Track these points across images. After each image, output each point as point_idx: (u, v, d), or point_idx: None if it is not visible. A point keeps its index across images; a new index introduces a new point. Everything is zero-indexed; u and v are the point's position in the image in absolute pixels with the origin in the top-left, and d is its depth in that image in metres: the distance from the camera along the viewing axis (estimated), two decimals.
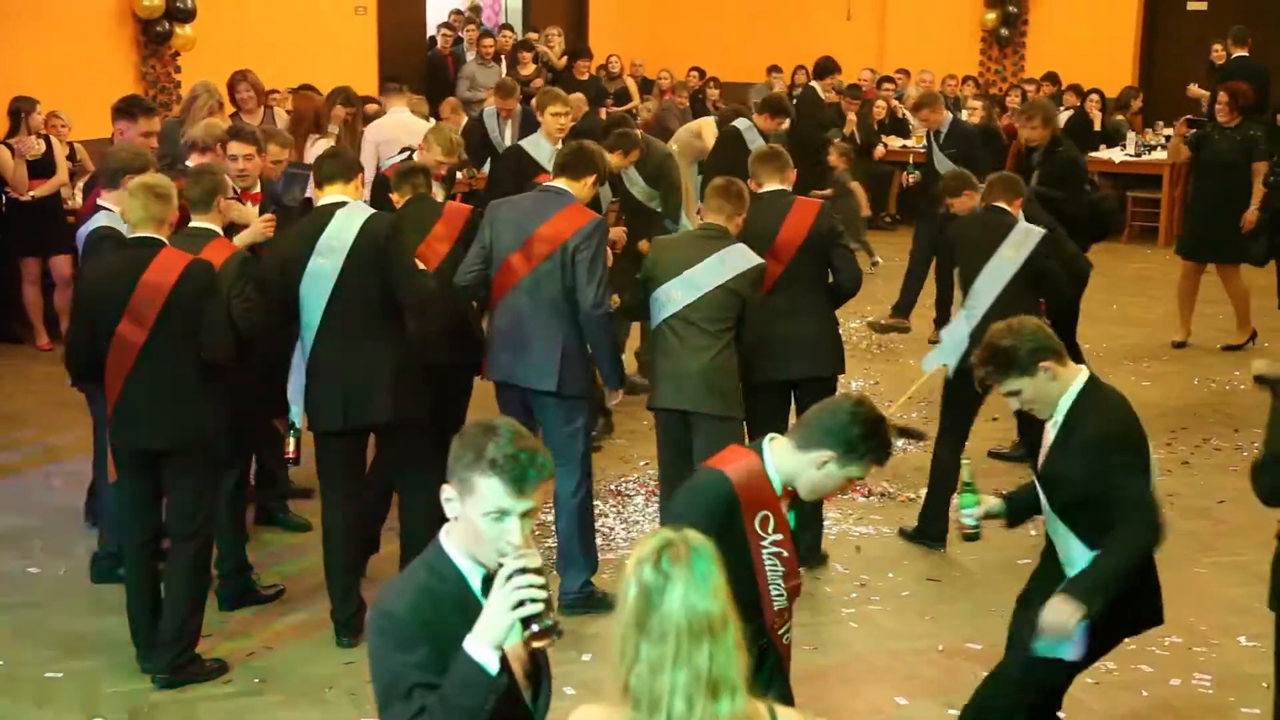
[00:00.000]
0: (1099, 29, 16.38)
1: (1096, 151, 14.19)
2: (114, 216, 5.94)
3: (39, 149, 9.93)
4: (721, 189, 5.97)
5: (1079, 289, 7.80)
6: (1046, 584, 4.21)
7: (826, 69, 13.03)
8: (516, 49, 15.41)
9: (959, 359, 6.50)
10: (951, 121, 10.50)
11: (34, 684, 5.41)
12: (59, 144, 10.17)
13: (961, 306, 6.85)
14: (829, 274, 6.34)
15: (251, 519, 6.64)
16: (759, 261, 5.91)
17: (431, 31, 15.96)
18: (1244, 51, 13.06)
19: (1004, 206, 6.88)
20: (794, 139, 10.40)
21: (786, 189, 6.42)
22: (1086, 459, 4.09)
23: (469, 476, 2.76)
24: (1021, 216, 6.91)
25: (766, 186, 6.40)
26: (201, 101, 8.60)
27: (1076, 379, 4.17)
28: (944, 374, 6.84)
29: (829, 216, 6.35)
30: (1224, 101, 10.03)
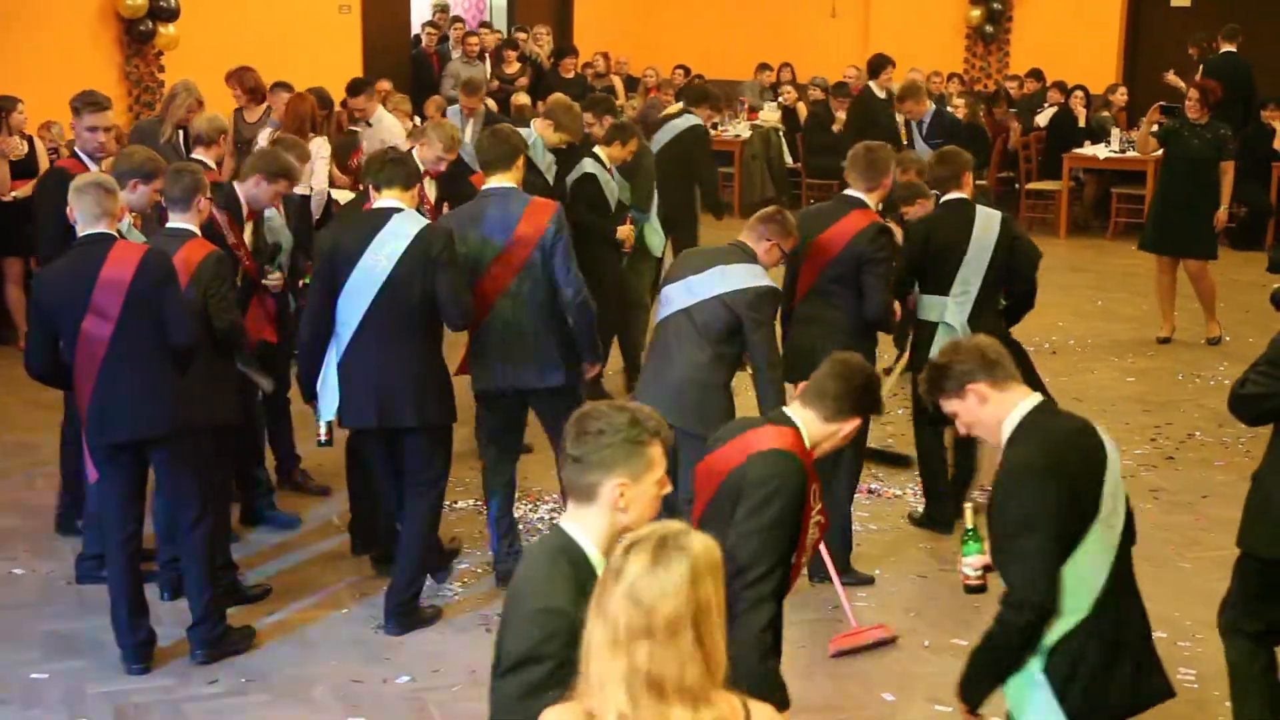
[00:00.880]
0: (1083, 26, 16.42)
1: (1081, 148, 14.23)
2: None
3: (22, 149, 9.89)
4: (762, 217, 5.88)
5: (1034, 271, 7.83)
6: None
7: (880, 65, 12.75)
8: (502, 47, 15.41)
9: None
10: (935, 113, 10.53)
11: (19, 685, 5.39)
12: (41, 144, 10.13)
13: (945, 295, 6.76)
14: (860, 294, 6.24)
15: (236, 519, 6.64)
16: (764, 284, 5.73)
17: (416, 30, 15.94)
18: (1232, 47, 13.12)
19: (963, 196, 6.89)
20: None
21: (856, 195, 6.36)
22: (999, 496, 3.67)
23: (642, 454, 2.97)
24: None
25: (846, 190, 6.48)
26: (180, 100, 8.61)
27: (1019, 405, 3.70)
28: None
29: (872, 237, 6.22)
30: (1194, 99, 10.12)
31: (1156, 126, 10.65)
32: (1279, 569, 4.49)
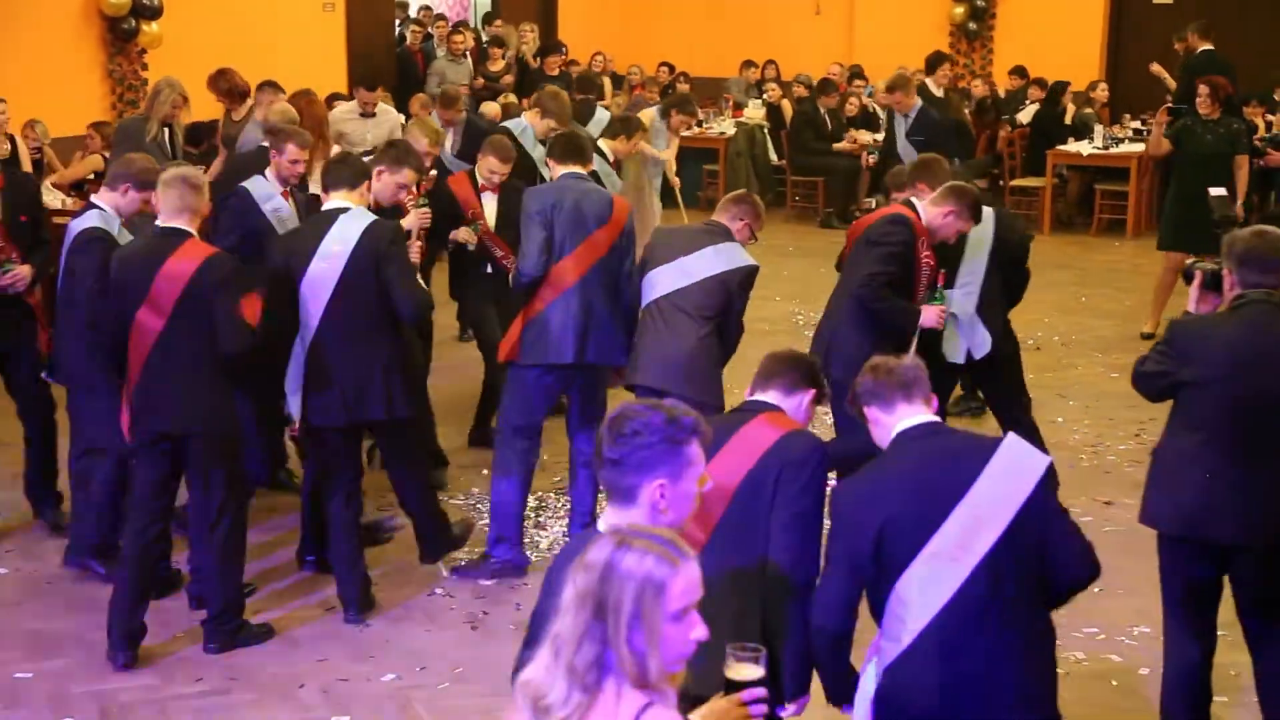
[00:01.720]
0: (1066, 23, 16.47)
1: (1065, 144, 14.26)
2: (107, 216, 6.03)
3: (4, 148, 9.85)
4: (734, 198, 6.24)
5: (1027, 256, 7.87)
6: None
7: (936, 62, 12.66)
8: (487, 45, 15.39)
9: (980, 338, 6.76)
10: (920, 110, 10.50)
11: (3, 684, 5.38)
12: (24, 143, 10.09)
13: (951, 288, 6.78)
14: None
15: None
16: (753, 263, 6.07)
17: (400, 28, 15.92)
18: (1208, 45, 13.14)
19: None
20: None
21: (907, 198, 6.53)
22: None
23: (681, 453, 2.94)
24: None
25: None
26: (164, 96, 8.59)
27: (898, 426, 3.73)
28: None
29: (876, 231, 6.32)
30: (1204, 94, 10.07)
31: (1168, 123, 10.60)
32: (1181, 544, 4.65)
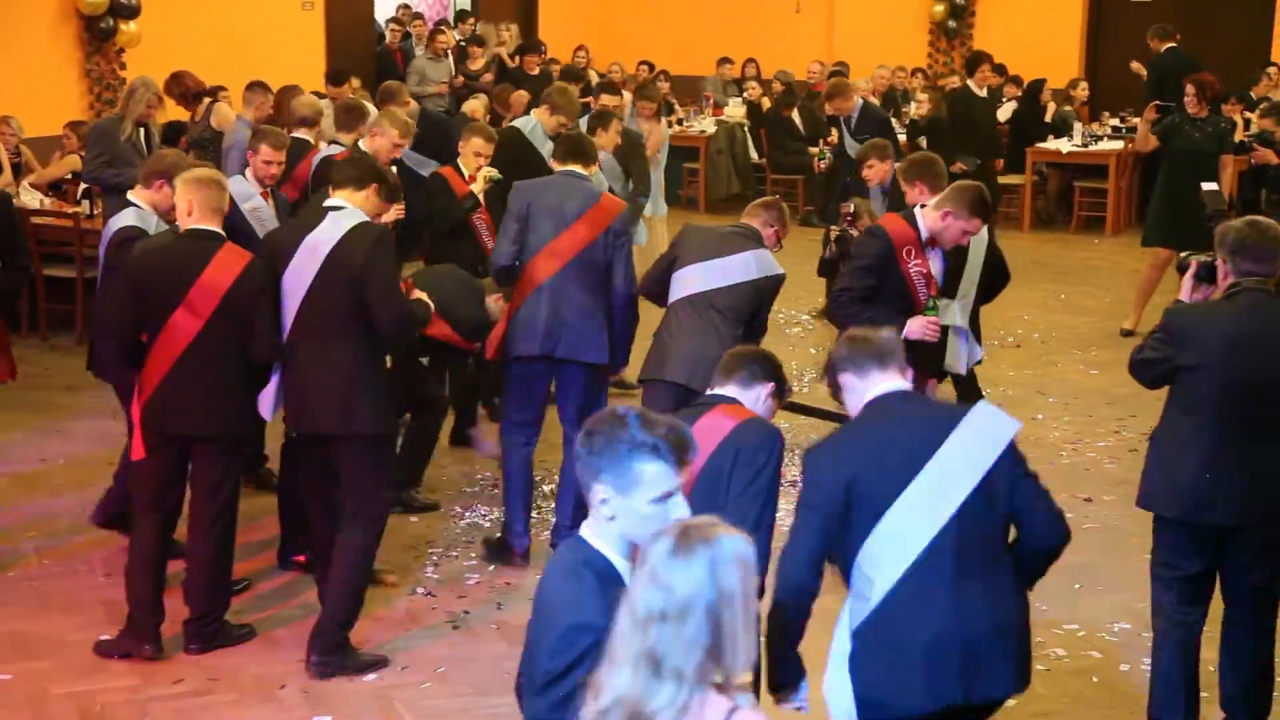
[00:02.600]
0: (1045, 21, 16.51)
1: (1045, 142, 14.30)
2: (143, 214, 6.09)
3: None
4: (764, 204, 6.40)
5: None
6: None
7: (976, 62, 12.56)
8: (466, 43, 15.37)
9: (977, 346, 6.86)
10: (861, 109, 10.73)
11: None
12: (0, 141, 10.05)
13: (953, 298, 6.76)
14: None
15: None
16: (783, 273, 6.18)
17: (380, 26, 15.89)
18: (1173, 44, 13.19)
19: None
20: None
21: (909, 210, 6.39)
22: None
23: (629, 467, 2.82)
24: None
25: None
26: (139, 95, 8.55)
27: (869, 393, 3.82)
28: None
29: (855, 244, 6.61)
30: (1191, 93, 10.08)
31: (1155, 120, 10.62)
32: (1179, 526, 4.70)
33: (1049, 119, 14.66)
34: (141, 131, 8.62)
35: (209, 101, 9.59)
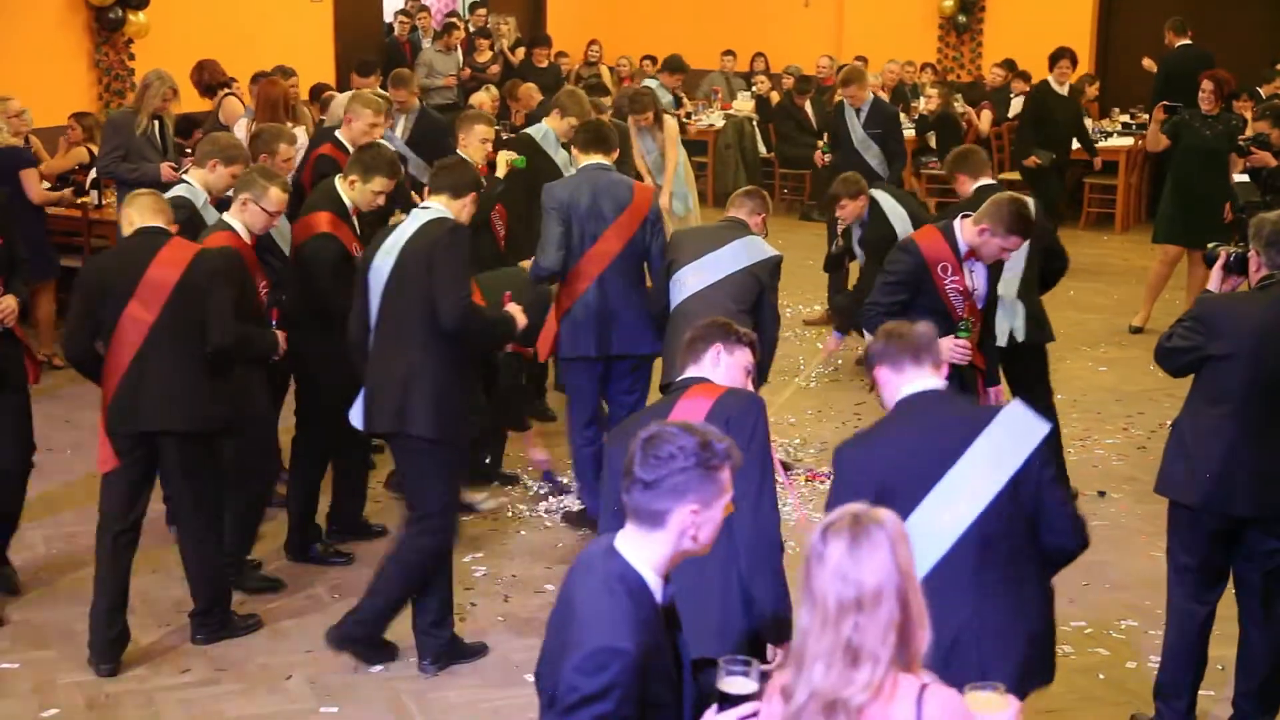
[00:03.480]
0: (1056, 17, 16.43)
1: None
2: (194, 190, 6.32)
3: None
4: (746, 193, 6.66)
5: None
6: None
7: (1058, 57, 12.42)
8: (473, 35, 15.37)
9: (1021, 320, 6.81)
10: (873, 103, 10.47)
11: None
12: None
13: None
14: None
15: None
16: (778, 254, 6.39)
17: (389, 18, 15.88)
18: (1186, 40, 13.14)
19: (990, 183, 6.85)
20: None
21: (947, 222, 6.09)
22: None
23: (713, 476, 2.89)
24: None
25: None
26: (154, 89, 8.52)
27: (905, 389, 3.83)
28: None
29: (888, 257, 6.18)
30: (1209, 90, 10.03)
31: (1164, 119, 10.55)
32: (1196, 514, 4.71)
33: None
34: (156, 124, 8.60)
35: (223, 94, 9.56)
